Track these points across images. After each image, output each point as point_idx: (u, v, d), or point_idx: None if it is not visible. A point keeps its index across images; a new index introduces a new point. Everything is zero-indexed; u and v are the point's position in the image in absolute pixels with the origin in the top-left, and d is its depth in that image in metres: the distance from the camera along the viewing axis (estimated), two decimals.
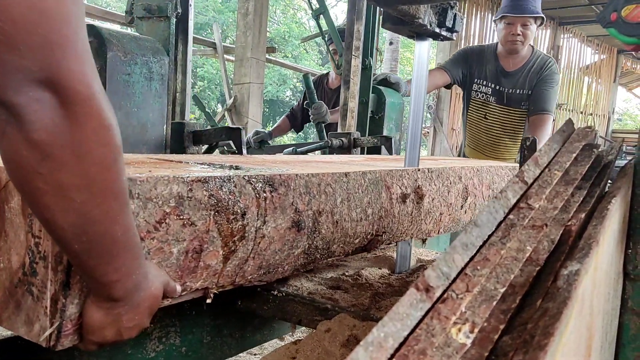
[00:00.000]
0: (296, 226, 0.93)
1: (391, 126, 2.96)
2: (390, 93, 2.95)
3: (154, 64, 1.99)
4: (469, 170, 1.50)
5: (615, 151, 0.91)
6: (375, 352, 0.36)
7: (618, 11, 0.91)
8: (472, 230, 0.55)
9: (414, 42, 1.30)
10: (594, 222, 0.64)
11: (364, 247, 1.14)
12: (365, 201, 1.09)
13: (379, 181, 1.15)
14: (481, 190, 1.53)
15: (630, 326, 0.85)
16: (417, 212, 1.26)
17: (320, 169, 1.06)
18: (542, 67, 3.09)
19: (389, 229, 1.18)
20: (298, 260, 0.98)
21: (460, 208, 1.44)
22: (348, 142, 2.51)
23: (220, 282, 0.86)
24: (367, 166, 1.27)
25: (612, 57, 14.24)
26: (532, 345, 0.40)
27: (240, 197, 0.84)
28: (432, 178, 1.32)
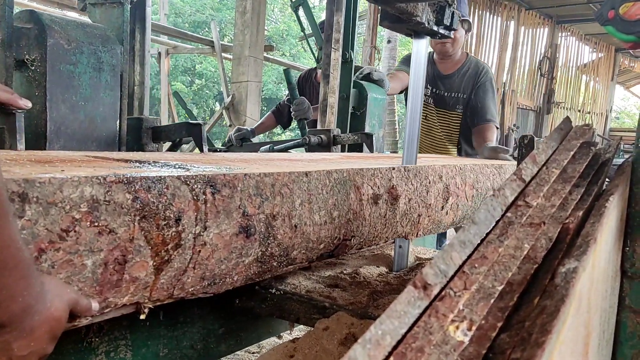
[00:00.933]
0: (245, 232, 0.84)
1: (374, 123, 2.84)
2: (373, 88, 2.84)
3: (103, 54, 1.83)
4: (451, 168, 1.41)
5: (612, 149, 0.91)
6: (373, 349, 0.36)
7: (616, 9, 0.91)
8: (470, 228, 0.55)
9: (412, 40, 1.30)
10: (592, 220, 0.64)
11: (331, 253, 1.05)
12: (330, 203, 1.00)
13: (346, 181, 1.05)
14: (464, 190, 1.45)
15: (628, 324, 0.85)
16: (391, 214, 1.17)
17: (280, 168, 0.98)
18: (478, 73, 3.17)
19: (359, 233, 1.09)
20: (250, 269, 0.89)
21: (440, 209, 1.35)
22: (327, 139, 2.39)
23: (154, 295, 0.77)
24: (339, 164, 1.20)
25: (610, 56, 14.26)
26: (529, 343, 0.40)
27: (174, 200, 0.75)
28: (408, 177, 1.23)
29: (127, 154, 1.15)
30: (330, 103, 2.50)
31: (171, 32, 9.23)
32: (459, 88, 3.16)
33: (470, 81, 3.16)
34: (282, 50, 18.62)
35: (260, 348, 2.93)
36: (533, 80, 12.46)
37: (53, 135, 1.71)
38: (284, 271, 0.97)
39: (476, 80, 3.16)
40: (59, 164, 0.81)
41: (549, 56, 12.49)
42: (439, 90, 3.22)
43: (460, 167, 1.45)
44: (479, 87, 3.15)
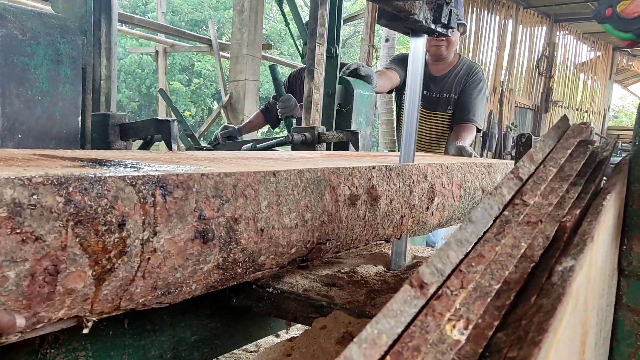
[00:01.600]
0: (202, 237, 0.77)
1: (360, 120, 2.75)
2: (360, 84, 2.75)
3: (62, 45, 1.70)
4: (437, 167, 1.35)
5: (610, 147, 0.91)
6: (369, 349, 0.36)
7: (613, 7, 0.91)
8: (467, 227, 0.55)
9: (410, 38, 1.30)
10: (589, 218, 0.64)
11: (304, 258, 0.99)
12: (302, 204, 0.94)
13: (321, 181, 0.99)
14: (451, 190, 1.38)
15: (625, 322, 0.85)
16: (371, 216, 1.11)
17: (247, 167, 0.92)
18: (469, 72, 3.14)
19: (335, 236, 1.02)
20: (211, 276, 0.82)
21: (425, 210, 1.29)
22: (312, 137, 2.31)
23: (97, 308, 0.70)
24: (316, 163, 1.15)
25: (608, 54, 14.29)
26: (526, 342, 0.40)
27: (116, 203, 0.68)
28: (390, 177, 1.16)
29: (82, 152, 1.07)
30: (315, 99, 2.42)
31: (169, 30, 9.22)
32: (450, 89, 3.13)
33: (461, 81, 3.14)
34: (280, 49, 18.61)
35: (258, 347, 2.93)
36: (531, 79, 12.48)
37: (6, 132, 1.60)
38: (251, 278, 0.91)
39: (467, 79, 3.14)
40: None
41: (547, 55, 12.50)
42: (429, 92, 3.19)
43: (447, 166, 1.40)
44: (467, 85, 3.12)
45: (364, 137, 2.65)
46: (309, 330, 0.95)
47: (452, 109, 3.14)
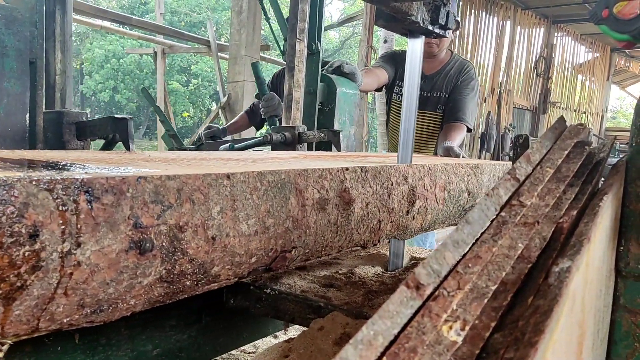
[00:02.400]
0: (138, 247, 0.69)
1: (344, 119, 2.63)
2: (343, 82, 2.62)
3: (7, 37, 1.58)
4: (418, 169, 1.28)
5: (607, 148, 0.91)
6: (365, 350, 0.36)
7: (610, 8, 0.91)
8: (464, 228, 0.55)
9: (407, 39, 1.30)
10: (586, 219, 0.64)
11: (268, 267, 0.92)
12: (262, 210, 0.86)
13: (285, 184, 0.91)
14: (434, 192, 1.31)
15: (622, 323, 0.85)
16: (344, 221, 1.04)
17: (200, 169, 0.85)
18: (461, 70, 3.06)
19: (302, 243, 0.95)
20: (153, 290, 0.74)
21: (406, 213, 1.22)
22: (292, 137, 2.22)
23: (10, 330, 0.62)
24: (285, 164, 1.08)
25: (606, 55, 14.32)
26: (522, 343, 0.40)
27: (27, 210, 0.60)
28: (366, 179, 1.09)
29: (15, 153, 0.97)
30: (296, 98, 2.33)
31: (167, 31, 9.22)
32: (441, 87, 3.05)
33: (452, 80, 3.05)
34: (278, 51, 18.62)
35: (257, 348, 2.93)
36: (529, 80, 12.51)
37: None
38: (205, 290, 0.84)
39: (458, 77, 3.05)
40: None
41: (545, 56, 12.53)
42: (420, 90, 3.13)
43: (430, 167, 1.32)
44: (458, 84, 3.04)
45: (348, 137, 2.58)
46: (307, 331, 0.95)
47: (443, 108, 3.07)
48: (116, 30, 10.55)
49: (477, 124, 11.07)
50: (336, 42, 26.45)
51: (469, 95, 3.05)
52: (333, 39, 26.52)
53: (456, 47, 10.44)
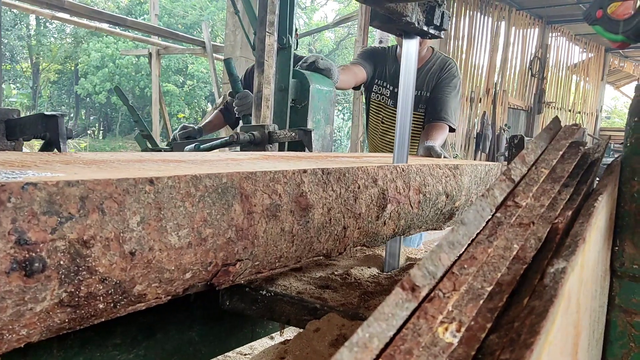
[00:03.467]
0: (22, 268, 0.59)
1: (318, 118, 2.46)
2: (317, 78, 2.46)
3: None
4: (390, 170, 1.18)
5: (602, 149, 0.91)
6: (360, 352, 0.35)
7: (604, 8, 0.92)
8: (459, 229, 0.55)
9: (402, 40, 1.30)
10: (581, 219, 0.64)
11: (209, 283, 0.82)
12: (198, 218, 0.76)
13: (227, 189, 0.81)
14: (407, 195, 1.21)
15: (618, 323, 0.86)
16: (302, 229, 0.94)
17: (117, 174, 0.73)
18: (442, 68, 2.96)
19: (249, 255, 0.85)
20: (53, 317, 0.64)
21: (375, 219, 1.13)
22: (261, 137, 2.09)
23: None
24: (237, 166, 0.97)
25: (600, 56, 14.39)
26: (518, 344, 0.40)
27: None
28: (328, 182, 1.00)
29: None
30: (266, 95, 2.20)
31: (162, 32, 9.21)
32: (422, 86, 2.93)
33: (433, 78, 2.94)
34: None
35: (253, 350, 2.93)
36: (524, 81, 12.55)
37: None
38: (129, 311, 0.75)
39: (440, 75, 2.94)
40: None
41: (539, 56, 12.57)
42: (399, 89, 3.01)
43: (403, 169, 1.22)
44: (440, 82, 2.94)
45: (323, 136, 2.46)
46: (303, 333, 0.94)
47: (424, 107, 2.96)
48: (111, 31, 10.54)
49: (472, 125, 11.10)
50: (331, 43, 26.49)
51: (451, 93, 2.95)
52: (328, 40, 26.55)
53: (451, 47, 10.46)
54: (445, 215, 1.42)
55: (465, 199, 1.49)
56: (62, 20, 8.42)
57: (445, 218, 1.44)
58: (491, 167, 1.68)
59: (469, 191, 1.52)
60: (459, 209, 1.48)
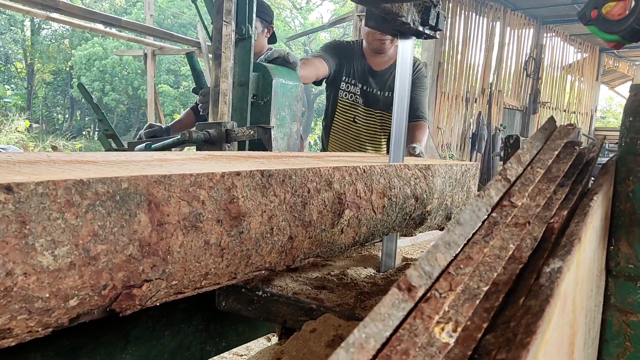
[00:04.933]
0: None
1: (283, 115, 2.27)
2: (281, 72, 2.27)
3: None
4: (349, 172, 1.07)
5: (597, 148, 0.92)
6: (357, 353, 0.35)
7: (598, 8, 0.92)
8: (455, 229, 0.55)
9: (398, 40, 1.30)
10: (576, 219, 0.64)
11: (108, 308, 0.69)
12: (85, 233, 0.63)
13: (130, 196, 0.68)
14: (369, 199, 1.11)
15: (613, 322, 0.86)
16: (234, 241, 0.82)
17: None
18: (417, 69, 2.92)
19: (161, 274, 0.73)
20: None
21: (330, 227, 1.02)
22: (218, 135, 1.93)
23: None
24: (161, 168, 0.82)
25: (595, 56, 14.44)
26: (514, 344, 0.40)
27: None
28: (268, 186, 0.88)
29: None
30: (223, 90, 2.03)
31: (157, 33, 9.19)
32: (392, 86, 2.81)
33: None
34: None
35: (249, 350, 2.92)
36: (519, 81, 12.59)
37: None
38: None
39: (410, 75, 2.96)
40: None
41: (534, 56, 12.62)
42: (370, 87, 2.89)
43: (365, 170, 1.11)
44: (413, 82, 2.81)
45: (289, 134, 2.29)
46: (299, 334, 0.94)
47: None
48: (105, 32, 10.51)
49: (468, 125, 11.12)
50: None
51: (424, 92, 2.94)
52: (324, 40, 26.57)
53: (446, 48, 10.49)
54: (416, 221, 1.32)
55: (438, 202, 1.37)
56: (56, 20, 8.39)
57: (416, 223, 1.33)
58: (468, 168, 1.55)
59: (443, 194, 1.40)
60: (431, 213, 1.35)
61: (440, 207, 1.39)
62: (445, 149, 10.61)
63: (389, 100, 2.85)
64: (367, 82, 2.87)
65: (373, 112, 2.91)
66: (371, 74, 2.88)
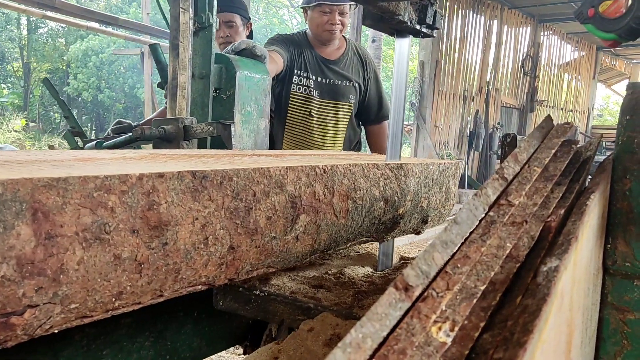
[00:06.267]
0: None
1: (249, 110, 2.08)
2: (246, 64, 2.08)
3: None
4: (306, 172, 0.96)
5: (594, 147, 0.92)
6: (354, 353, 0.35)
7: (595, 7, 0.92)
8: (452, 228, 0.55)
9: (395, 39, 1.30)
10: (573, 217, 0.64)
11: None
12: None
13: (6, 204, 0.56)
14: (330, 203, 1.00)
15: (610, 320, 0.86)
16: (156, 254, 0.70)
17: None
18: (364, 59, 2.86)
19: (52, 298, 0.61)
20: None
21: (283, 234, 0.91)
22: (175, 131, 1.78)
23: None
24: (77, 167, 0.73)
25: (592, 54, 14.47)
26: (512, 343, 0.40)
27: None
28: (202, 189, 0.76)
29: None
30: (181, 83, 1.87)
31: (154, 31, 9.16)
32: (348, 76, 2.80)
33: (358, 68, 2.83)
34: None
35: None
36: (516, 79, 12.61)
37: None
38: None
39: (365, 67, 2.84)
40: None
41: (531, 55, 12.63)
42: (326, 78, 2.78)
43: (325, 170, 1.00)
44: (372, 77, 2.85)
45: (256, 131, 2.11)
46: (296, 333, 0.94)
47: (354, 98, 2.82)
48: (102, 30, 10.48)
49: (465, 123, 11.14)
50: None
51: (382, 85, 2.90)
52: None
53: (444, 46, 10.49)
54: (387, 225, 1.20)
55: (411, 204, 1.26)
56: (53, 19, 8.37)
57: (387, 228, 1.21)
58: (447, 167, 1.42)
59: (417, 195, 1.28)
60: (404, 216, 1.24)
61: (415, 209, 1.28)
62: (442, 148, 10.62)
63: (346, 89, 2.78)
64: (321, 73, 2.77)
65: (328, 103, 2.80)
66: (325, 64, 2.79)
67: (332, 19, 2.67)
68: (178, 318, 1.14)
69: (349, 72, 2.79)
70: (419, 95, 10.19)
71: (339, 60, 2.80)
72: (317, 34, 2.76)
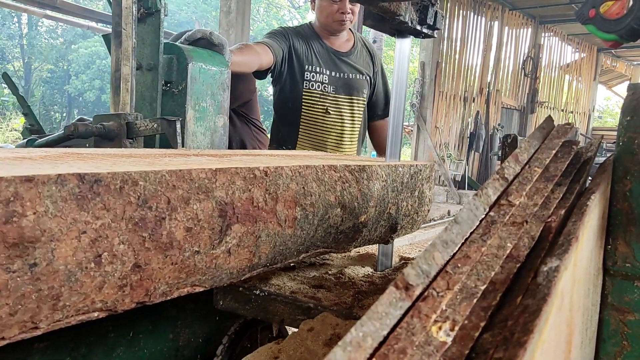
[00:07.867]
0: None
1: (204, 105, 1.86)
2: (200, 55, 1.85)
3: None
4: (243, 174, 0.83)
5: (594, 148, 0.92)
6: (354, 352, 0.35)
7: (596, 8, 0.92)
8: (453, 228, 0.55)
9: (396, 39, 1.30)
10: (574, 218, 0.64)
11: None
12: None
13: None
14: (273, 209, 0.87)
15: (610, 321, 0.86)
16: (21, 278, 0.56)
17: None
18: (371, 51, 2.73)
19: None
20: None
21: (210, 248, 0.78)
22: (117, 129, 1.60)
23: None
24: None
25: (592, 55, 14.47)
26: (512, 342, 0.40)
27: None
28: (94, 195, 0.63)
29: None
30: (124, 75, 1.67)
31: None
32: (360, 69, 2.66)
33: (368, 61, 2.70)
34: None
35: None
36: (517, 80, 12.61)
37: None
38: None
39: (373, 60, 2.72)
40: None
41: (532, 56, 12.63)
42: (340, 72, 2.60)
43: (267, 172, 0.87)
44: (380, 70, 2.74)
45: (213, 129, 1.92)
46: (297, 333, 0.94)
47: (368, 92, 2.69)
48: (102, 30, 10.47)
49: (466, 124, 11.14)
50: None
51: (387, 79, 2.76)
52: None
53: (444, 47, 10.49)
54: (347, 235, 1.07)
55: (376, 211, 1.13)
56: (54, 19, 8.38)
57: (348, 238, 1.09)
58: (419, 169, 1.30)
59: (384, 201, 1.15)
60: (367, 224, 1.12)
61: (381, 216, 1.16)
62: (443, 149, 10.62)
63: (360, 83, 2.63)
64: (335, 67, 2.59)
65: (344, 99, 2.62)
66: (337, 57, 2.62)
67: (342, 7, 2.49)
68: (108, 339, 1.00)
69: (360, 65, 2.64)
70: (419, 96, 10.19)
71: (351, 52, 2.64)
72: (326, 24, 2.56)
